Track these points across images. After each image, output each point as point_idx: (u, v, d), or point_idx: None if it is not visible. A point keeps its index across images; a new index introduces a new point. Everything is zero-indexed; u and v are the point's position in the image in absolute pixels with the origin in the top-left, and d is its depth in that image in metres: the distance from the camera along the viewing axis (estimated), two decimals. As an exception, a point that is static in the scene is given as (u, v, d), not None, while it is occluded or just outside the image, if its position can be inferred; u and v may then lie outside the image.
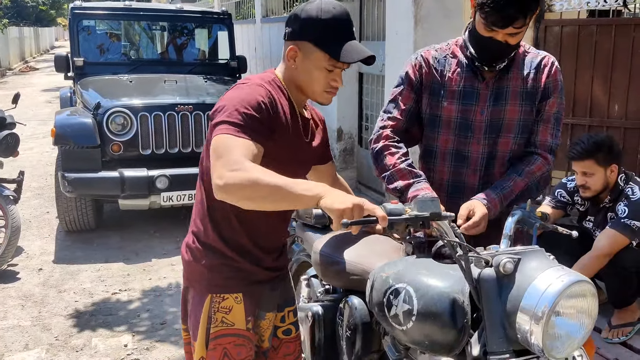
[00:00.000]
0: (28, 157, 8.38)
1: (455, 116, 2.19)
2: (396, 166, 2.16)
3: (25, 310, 4.04)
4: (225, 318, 1.87)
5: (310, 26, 1.79)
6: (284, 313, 2.09)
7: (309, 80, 1.84)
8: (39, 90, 17.90)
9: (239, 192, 1.57)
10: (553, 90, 2.19)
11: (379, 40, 6.03)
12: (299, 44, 1.81)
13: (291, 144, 1.86)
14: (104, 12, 6.91)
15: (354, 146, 6.72)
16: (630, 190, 3.29)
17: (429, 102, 2.23)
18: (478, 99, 2.17)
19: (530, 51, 2.23)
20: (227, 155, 1.61)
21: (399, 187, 2.14)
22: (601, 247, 3.23)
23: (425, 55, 2.25)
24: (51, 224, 5.85)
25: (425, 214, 1.55)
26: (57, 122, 5.19)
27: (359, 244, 2.35)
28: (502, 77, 2.17)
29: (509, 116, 2.18)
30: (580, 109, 4.43)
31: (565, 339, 1.56)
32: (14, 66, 27.11)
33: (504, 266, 1.57)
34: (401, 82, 2.27)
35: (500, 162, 2.21)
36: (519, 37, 2.04)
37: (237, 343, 1.89)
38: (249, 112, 1.69)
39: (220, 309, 1.87)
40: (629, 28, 4.14)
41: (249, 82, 1.80)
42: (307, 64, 1.82)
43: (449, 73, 2.20)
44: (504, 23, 1.96)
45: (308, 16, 1.79)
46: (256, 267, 1.92)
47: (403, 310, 1.75)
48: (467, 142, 2.20)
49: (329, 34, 1.79)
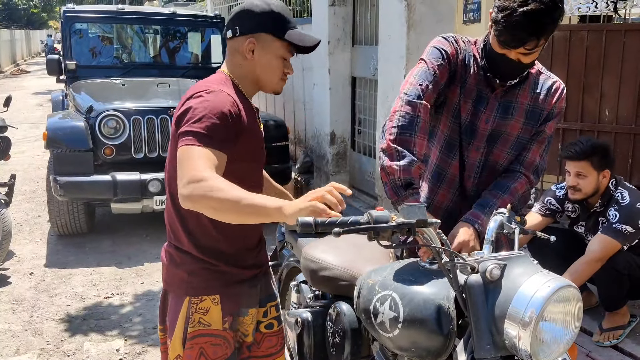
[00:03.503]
0: (19, 160, 8.36)
1: (465, 116, 2.15)
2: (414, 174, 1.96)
3: (17, 315, 4.02)
4: (203, 319, 1.91)
5: (263, 18, 1.87)
6: (266, 308, 2.12)
7: (267, 71, 1.93)
8: (30, 93, 17.85)
9: (204, 202, 1.62)
10: (556, 115, 2.19)
11: (371, 44, 6.04)
12: (255, 36, 1.88)
13: (253, 139, 1.93)
14: (96, 15, 6.91)
15: (347, 150, 6.72)
16: (620, 195, 3.31)
17: (459, 93, 2.13)
18: (486, 107, 2.14)
19: (543, 72, 2.19)
20: (193, 166, 1.66)
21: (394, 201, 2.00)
22: (593, 252, 3.24)
23: (457, 41, 2.14)
24: (43, 227, 5.83)
25: (411, 221, 1.55)
26: (49, 125, 5.17)
27: (348, 250, 2.35)
28: (511, 92, 2.14)
29: (510, 130, 2.15)
30: (571, 114, 4.46)
31: (552, 343, 1.57)
32: (5, 69, 27.05)
33: (490, 272, 1.58)
34: (441, 55, 2.07)
35: (491, 172, 2.19)
36: (533, 57, 1.99)
37: (213, 343, 1.93)
38: (214, 121, 1.73)
39: (198, 310, 1.91)
40: (620, 33, 4.17)
41: (209, 88, 1.83)
42: (265, 55, 1.90)
43: (471, 70, 2.14)
44: (515, 44, 1.91)
45: (261, 10, 1.87)
46: (235, 268, 1.95)
47: (389, 317, 1.75)
48: (468, 146, 2.17)
49: (283, 23, 1.89)
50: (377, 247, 1.81)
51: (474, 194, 2.18)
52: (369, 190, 6.28)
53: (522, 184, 2.16)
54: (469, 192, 2.20)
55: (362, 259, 2.27)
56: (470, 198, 2.19)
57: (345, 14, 6.42)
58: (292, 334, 2.48)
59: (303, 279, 2.63)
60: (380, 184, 5.52)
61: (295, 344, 2.44)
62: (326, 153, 6.72)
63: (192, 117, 1.74)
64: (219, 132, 1.73)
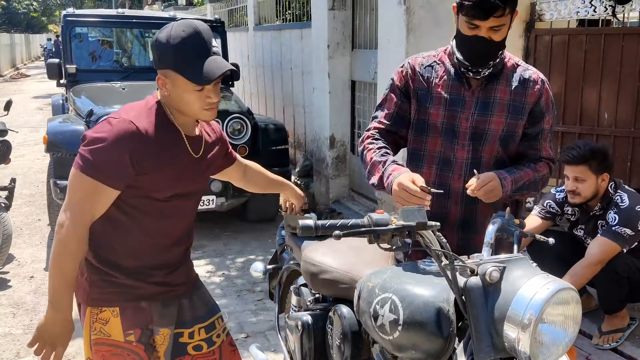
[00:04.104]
0: (19, 164, 8.36)
1: (441, 121, 2.22)
2: (371, 160, 2.20)
3: (17, 319, 4.02)
4: (103, 329, 1.95)
5: (164, 54, 1.82)
6: (193, 329, 2.11)
7: (183, 104, 1.86)
8: (30, 97, 17.87)
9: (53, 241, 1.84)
10: (547, 108, 2.23)
11: (371, 48, 6.06)
12: (164, 73, 1.84)
13: (175, 167, 1.90)
14: (97, 20, 6.93)
15: (347, 153, 6.73)
16: (619, 198, 3.32)
17: (417, 108, 2.26)
18: (464, 106, 2.19)
19: (520, 64, 2.25)
20: (68, 198, 1.83)
21: (375, 183, 2.18)
22: (593, 255, 3.25)
23: (412, 62, 2.28)
24: (42, 231, 5.84)
25: (411, 224, 1.56)
26: (50, 129, 5.18)
27: (347, 253, 2.36)
28: (489, 87, 2.19)
29: (493, 127, 2.20)
30: (570, 117, 4.47)
31: (551, 345, 1.57)
32: (4, 73, 27.09)
33: (490, 275, 1.58)
34: (387, 88, 2.33)
35: (485, 168, 2.22)
36: (502, 33, 2.07)
37: (113, 352, 1.95)
38: (106, 156, 1.78)
39: (99, 319, 1.95)
40: (618, 37, 4.18)
41: (119, 116, 1.84)
42: (176, 90, 1.84)
43: (435, 80, 2.23)
44: (484, 14, 1.99)
45: (162, 45, 1.81)
46: (140, 282, 1.96)
47: (389, 320, 1.76)
48: (452, 147, 2.22)
49: (183, 58, 1.80)
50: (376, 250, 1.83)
51: (466, 196, 2.19)
52: (368, 194, 6.29)
53: (543, 166, 2.26)
54: (460, 192, 2.22)
55: (362, 262, 2.27)
56: (461, 201, 2.22)
57: (345, 18, 6.44)
58: (292, 337, 2.49)
59: (303, 282, 2.63)
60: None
61: (295, 347, 2.44)
62: (326, 157, 6.73)
63: (90, 142, 1.81)
64: (110, 167, 1.78)
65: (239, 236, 5.86)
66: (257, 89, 10.09)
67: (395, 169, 2.10)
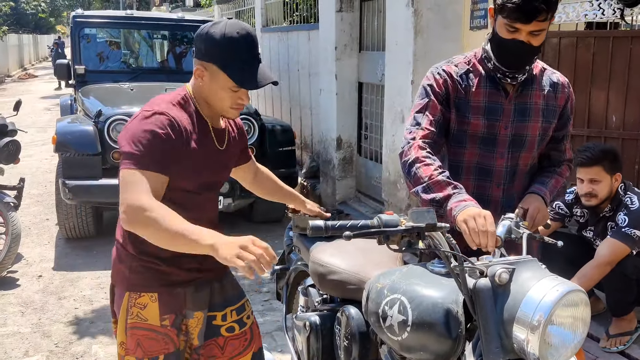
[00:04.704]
0: (27, 164, 8.41)
1: (481, 131, 2.16)
2: (433, 178, 2.03)
3: (25, 317, 4.05)
4: (140, 313, 2.00)
5: (214, 49, 1.85)
6: (225, 312, 2.17)
7: (215, 98, 1.93)
8: (38, 97, 17.94)
9: (140, 230, 1.75)
10: (571, 111, 2.27)
11: (378, 50, 6.07)
12: (205, 65, 1.88)
13: (202, 156, 1.96)
14: (105, 21, 6.96)
15: (353, 155, 6.74)
16: (629, 200, 3.32)
17: (456, 118, 2.18)
18: (502, 114, 2.15)
19: (546, 68, 2.24)
20: (131, 191, 1.76)
21: (437, 199, 2.01)
22: (602, 256, 3.25)
23: (447, 69, 2.20)
24: (51, 231, 5.87)
25: (420, 225, 1.57)
26: (59, 129, 5.21)
27: (356, 254, 2.37)
28: (524, 93, 2.16)
29: (531, 132, 2.17)
30: (578, 120, 4.45)
31: (560, 347, 1.58)
32: (12, 73, 27.22)
33: (499, 276, 1.59)
34: (426, 94, 2.19)
35: (520, 177, 2.21)
36: (541, 38, 2.02)
37: (149, 337, 2.00)
38: (149, 145, 1.79)
39: (137, 304, 2.00)
40: (627, 40, 4.17)
41: (152, 109, 1.87)
42: (213, 85, 1.90)
43: (472, 88, 2.16)
44: (527, 17, 1.94)
45: (213, 39, 1.85)
46: (175, 269, 2.01)
47: (398, 320, 1.76)
48: (491, 156, 2.18)
49: (232, 58, 1.85)
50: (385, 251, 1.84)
51: (504, 203, 2.18)
52: (375, 195, 6.29)
53: (565, 169, 2.30)
54: (499, 201, 2.19)
55: (370, 263, 2.28)
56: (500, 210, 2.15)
57: (352, 20, 6.45)
58: (300, 337, 2.50)
59: (311, 283, 2.64)
60: (387, 188, 5.53)
61: (303, 347, 2.45)
62: (332, 158, 6.74)
63: (129, 141, 1.81)
64: (154, 154, 1.80)
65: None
66: (264, 90, 10.11)
67: (469, 199, 1.98)
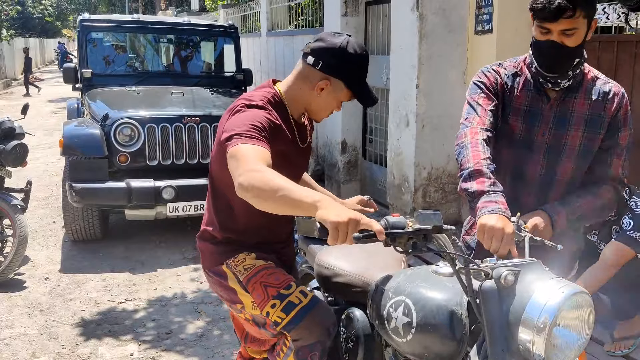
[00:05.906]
0: (34, 167, 8.44)
1: (518, 133, 2.15)
2: (478, 166, 1.96)
3: (32, 319, 4.07)
4: (246, 264, 2.13)
5: (346, 66, 1.97)
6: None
7: (322, 107, 2.06)
8: (45, 100, 18.03)
9: (256, 190, 1.71)
10: (624, 122, 2.16)
11: (383, 54, 6.09)
12: (331, 80, 1.99)
13: (288, 154, 2.05)
14: (112, 25, 6.99)
15: (358, 159, 6.76)
16: (634, 204, 3.32)
17: (501, 115, 2.18)
18: (541, 120, 2.13)
19: (599, 77, 2.18)
20: (245, 159, 1.78)
21: (470, 190, 1.94)
22: (607, 259, 3.26)
23: (496, 69, 2.21)
24: (57, 233, 5.90)
25: (427, 227, 1.58)
26: (65, 132, 5.24)
27: (361, 256, 2.38)
28: (567, 100, 2.13)
29: (570, 141, 2.13)
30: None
31: (565, 348, 1.59)
32: (19, 77, 27.29)
33: (504, 278, 1.60)
34: (478, 87, 2.18)
35: (558, 188, 2.16)
36: (576, 39, 1.99)
37: (268, 273, 2.11)
38: (256, 124, 1.89)
39: (238, 262, 2.13)
40: (631, 44, 4.18)
41: (251, 101, 1.97)
42: (330, 97, 2.02)
43: (516, 91, 2.16)
44: (554, 16, 1.94)
45: (347, 57, 1.96)
46: (262, 253, 2.16)
47: (402, 322, 1.78)
48: (526, 160, 2.16)
49: (358, 75, 2.00)
50: (390, 253, 1.86)
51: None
52: (380, 199, 6.30)
53: (608, 190, 2.15)
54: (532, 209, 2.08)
55: (375, 265, 2.30)
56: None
57: (358, 24, 6.48)
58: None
59: (316, 285, 2.66)
60: (391, 192, 5.55)
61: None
62: (337, 161, 6.76)
63: (236, 126, 1.89)
64: (262, 133, 1.88)
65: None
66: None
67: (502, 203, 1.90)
